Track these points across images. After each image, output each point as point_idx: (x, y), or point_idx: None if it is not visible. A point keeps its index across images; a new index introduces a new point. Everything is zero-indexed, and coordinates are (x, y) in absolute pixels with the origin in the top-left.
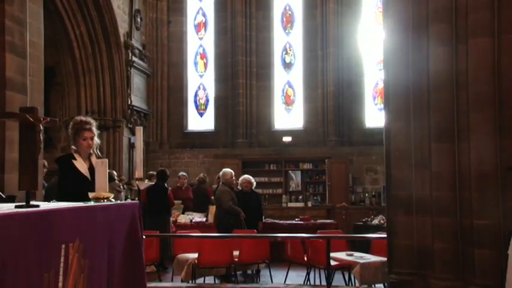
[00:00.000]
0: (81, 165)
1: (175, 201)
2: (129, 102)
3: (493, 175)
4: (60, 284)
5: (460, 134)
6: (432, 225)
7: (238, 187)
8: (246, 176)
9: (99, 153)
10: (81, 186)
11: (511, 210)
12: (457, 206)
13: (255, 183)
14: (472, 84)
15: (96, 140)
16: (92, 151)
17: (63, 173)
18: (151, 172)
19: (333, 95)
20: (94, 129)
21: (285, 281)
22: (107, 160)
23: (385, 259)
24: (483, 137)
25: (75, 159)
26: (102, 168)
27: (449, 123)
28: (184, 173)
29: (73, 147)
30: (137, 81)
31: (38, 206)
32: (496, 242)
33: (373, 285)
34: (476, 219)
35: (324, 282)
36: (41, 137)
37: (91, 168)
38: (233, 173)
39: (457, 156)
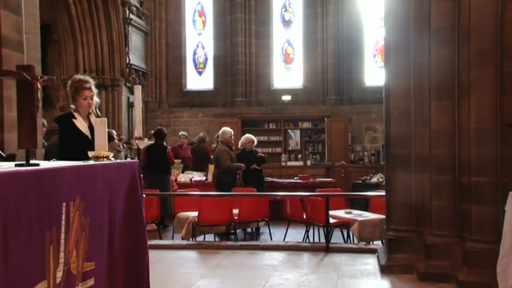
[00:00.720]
0: (81, 124)
1: (176, 161)
2: (127, 61)
3: (492, 132)
4: (62, 241)
5: (461, 91)
6: (430, 183)
7: (240, 146)
8: (248, 135)
9: (99, 113)
10: (81, 145)
11: (509, 167)
12: (456, 163)
13: (256, 142)
14: (473, 40)
15: (96, 99)
16: (91, 110)
17: (63, 132)
18: (152, 131)
19: (333, 53)
20: (93, 88)
21: (284, 238)
22: (106, 119)
23: (383, 217)
24: (483, 94)
25: (75, 118)
26: (101, 127)
27: (449, 80)
28: (184, 133)
29: (72, 106)
30: (135, 39)
31: (38, 164)
32: (493, 199)
33: (371, 242)
34: (474, 176)
35: (322, 240)
36: (39, 96)
37: (91, 127)
38: (232, 132)
39: (456, 114)
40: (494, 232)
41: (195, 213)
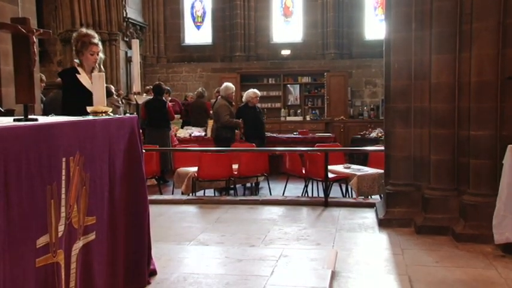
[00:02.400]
0: (85, 79)
1: (175, 116)
2: (125, 15)
3: (492, 85)
4: (63, 196)
5: (462, 44)
6: (430, 137)
7: (243, 100)
8: (254, 90)
9: (103, 68)
10: (86, 101)
11: (509, 120)
12: (455, 117)
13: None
14: None
15: (101, 55)
16: (95, 66)
17: (67, 87)
18: (148, 87)
19: (333, 6)
20: (100, 43)
21: (283, 193)
22: (104, 74)
23: (381, 171)
24: (485, 46)
25: (78, 73)
26: (99, 82)
27: (451, 32)
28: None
29: (76, 60)
30: None
31: (36, 119)
32: (491, 153)
33: (369, 197)
34: (473, 130)
35: (321, 194)
36: (35, 50)
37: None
38: (234, 88)
39: (457, 67)
40: (492, 185)
41: (195, 169)
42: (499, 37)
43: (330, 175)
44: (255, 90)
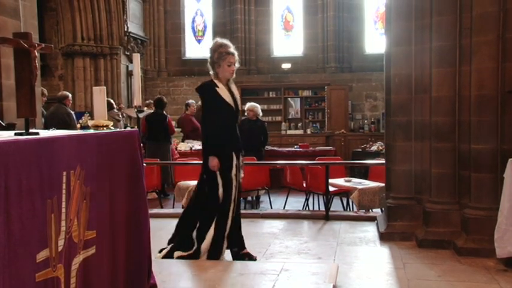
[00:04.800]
0: (224, 93)
1: (176, 129)
2: (126, 29)
3: (493, 99)
4: (63, 210)
5: (462, 58)
6: (430, 150)
7: (245, 114)
8: (251, 104)
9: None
10: (228, 116)
11: (509, 134)
12: (456, 130)
13: (261, 112)
14: (476, 5)
15: (237, 65)
16: (232, 77)
17: (209, 103)
18: (148, 101)
19: (333, 20)
20: (236, 53)
21: (284, 206)
22: (104, 88)
23: (382, 185)
24: (485, 60)
25: (217, 86)
26: (100, 96)
27: (451, 46)
28: (193, 101)
29: (212, 73)
30: (133, 6)
31: (37, 133)
32: (492, 166)
33: (370, 210)
34: (474, 143)
35: (322, 208)
36: (37, 64)
37: (232, 96)
38: None
39: (457, 80)
40: (493, 199)
41: (196, 182)
42: (499, 51)
43: (331, 188)
44: (250, 104)
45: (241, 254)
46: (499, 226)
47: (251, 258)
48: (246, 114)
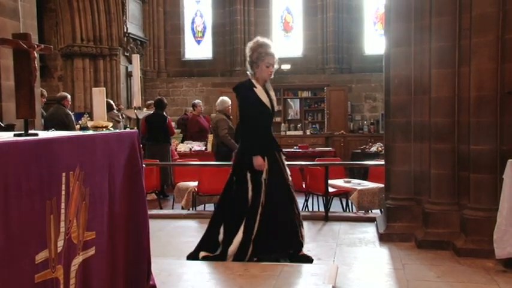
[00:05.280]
0: (261, 93)
1: (175, 131)
2: (125, 30)
3: (492, 100)
4: (63, 211)
5: (461, 59)
6: (430, 151)
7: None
8: None
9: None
10: (265, 117)
11: (509, 135)
12: (455, 131)
13: None
14: (475, 6)
15: (276, 66)
16: (269, 78)
17: (246, 103)
18: (148, 102)
19: (333, 22)
20: (275, 54)
21: None
22: (104, 89)
23: (382, 185)
24: (484, 61)
25: (255, 87)
26: (99, 97)
27: (450, 47)
28: (199, 101)
29: (249, 72)
30: (132, 7)
31: (36, 134)
32: (492, 167)
33: (370, 211)
34: (473, 144)
35: (322, 209)
36: (36, 65)
37: (269, 97)
38: (230, 102)
39: (457, 81)
40: (492, 200)
41: (195, 183)
42: (498, 52)
43: (331, 189)
44: None
45: (299, 255)
46: (498, 227)
47: (308, 259)
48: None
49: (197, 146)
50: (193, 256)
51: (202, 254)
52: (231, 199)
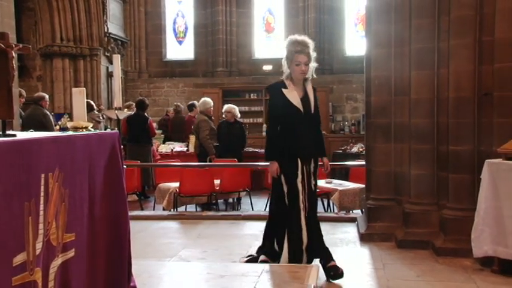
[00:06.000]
0: (292, 94)
1: (157, 131)
2: (106, 30)
3: (470, 101)
4: (41, 213)
5: (440, 60)
6: (410, 152)
7: (223, 116)
8: (228, 106)
9: (314, 76)
10: (292, 120)
11: (486, 135)
12: (435, 132)
13: (238, 114)
14: (453, 9)
15: (312, 64)
16: (308, 77)
17: (273, 103)
18: (129, 102)
19: (314, 23)
20: (310, 51)
21: (265, 208)
22: (84, 89)
23: (363, 186)
24: (462, 63)
25: (285, 87)
26: (79, 97)
27: (429, 49)
28: (196, 101)
29: (285, 71)
30: (113, 7)
31: (14, 135)
32: (470, 167)
33: (351, 211)
34: (452, 145)
35: None
36: (14, 65)
37: (305, 98)
38: (212, 103)
39: (436, 83)
40: (471, 200)
41: (177, 184)
42: (476, 54)
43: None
44: (227, 106)
45: (328, 267)
46: (476, 226)
47: (336, 272)
48: (223, 116)
49: (179, 146)
50: (252, 260)
51: (262, 257)
52: (271, 205)
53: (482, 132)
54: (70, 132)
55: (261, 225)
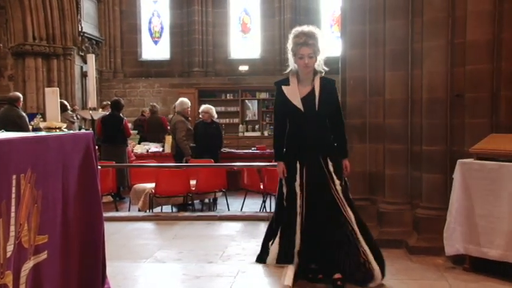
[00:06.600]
0: (292, 92)
1: (132, 132)
2: (80, 29)
3: (442, 102)
4: (13, 215)
5: (414, 62)
6: (384, 152)
7: (200, 116)
8: (206, 106)
9: (325, 69)
10: (292, 119)
11: (458, 136)
12: (409, 132)
13: (215, 115)
14: (426, 11)
15: (320, 57)
16: (317, 70)
17: (275, 101)
18: (104, 103)
19: (290, 23)
20: (315, 42)
21: (241, 208)
22: (57, 89)
23: None
24: (435, 65)
25: (287, 84)
26: (53, 97)
27: (403, 50)
28: (153, 103)
29: (292, 66)
30: (87, 6)
31: None
32: (443, 167)
33: None
34: (425, 145)
35: None
36: None
37: (310, 95)
38: (190, 103)
39: (410, 84)
40: (444, 199)
41: (152, 185)
42: (448, 56)
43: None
44: (204, 106)
45: (332, 278)
46: (448, 225)
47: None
48: (200, 116)
49: (154, 147)
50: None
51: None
52: (275, 204)
53: (455, 133)
54: (43, 133)
55: (237, 226)
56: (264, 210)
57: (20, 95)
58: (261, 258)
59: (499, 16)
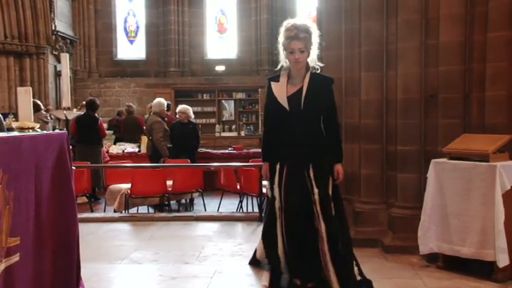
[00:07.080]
0: (279, 89)
1: (107, 132)
2: (53, 27)
3: (417, 102)
4: None
5: (389, 63)
6: (360, 152)
7: (177, 116)
8: (182, 106)
9: (319, 65)
10: (276, 117)
11: (432, 136)
12: (384, 132)
13: (192, 115)
14: (400, 12)
15: (314, 53)
16: (311, 67)
17: (266, 97)
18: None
19: (267, 24)
20: (307, 35)
21: (218, 209)
22: (30, 88)
23: None
24: (409, 65)
25: (276, 80)
26: (25, 97)
27: (378, 51)
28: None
29: (281, 60)
30: (61, 4)
31: None
32: (417, 167)
33: None
34: (400, 145)
35: (256, 210)
36: None
37: (297, 93)
38: (166, 103)
39: (385, 84)
40: (418, 198)
41: (128, 185)
42: (422, 57)
43: (264, 190)
44: (181, 107)
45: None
46: (422, 224)
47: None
48: (177, 116)
49: (130, 147)
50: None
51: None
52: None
53: (428, 133)
54: (15, 133)
55: (213, 226)
56: (241, 211)
57: None
58: (253, 256)
59: (470, 19)
